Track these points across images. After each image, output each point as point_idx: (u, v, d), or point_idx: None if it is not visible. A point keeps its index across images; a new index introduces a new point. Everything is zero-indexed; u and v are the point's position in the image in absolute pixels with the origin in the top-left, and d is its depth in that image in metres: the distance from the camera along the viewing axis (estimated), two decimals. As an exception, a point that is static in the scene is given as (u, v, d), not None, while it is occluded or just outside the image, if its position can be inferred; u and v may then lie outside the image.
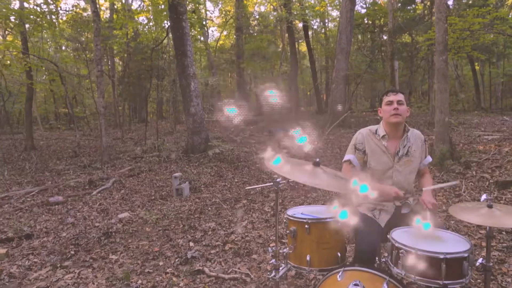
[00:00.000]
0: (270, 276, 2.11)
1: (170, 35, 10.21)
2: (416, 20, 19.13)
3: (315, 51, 28.83)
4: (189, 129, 9.51)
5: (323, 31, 30.44)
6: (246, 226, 4.61)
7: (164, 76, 15.91)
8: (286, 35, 19.48)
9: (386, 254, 2.01)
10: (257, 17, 24.90)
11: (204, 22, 20.12)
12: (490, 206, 1.91)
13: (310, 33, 25.46)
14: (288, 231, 2.19)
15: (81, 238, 4.43)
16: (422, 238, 1.96)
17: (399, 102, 2.37)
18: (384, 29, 21.32)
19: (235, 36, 19.32)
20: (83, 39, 18.79)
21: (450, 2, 20.42)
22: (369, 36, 24.13)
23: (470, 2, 19.52)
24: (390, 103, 2.39)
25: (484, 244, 3.35)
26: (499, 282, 2.87)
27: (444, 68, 7.11)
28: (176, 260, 3.68)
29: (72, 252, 4.01)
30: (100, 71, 9.82)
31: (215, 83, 20.32)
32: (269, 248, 2.15)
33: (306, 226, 2.09)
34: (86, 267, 3.65)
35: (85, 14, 16.82)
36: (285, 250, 2.16)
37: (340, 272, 1.86)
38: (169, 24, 10.33)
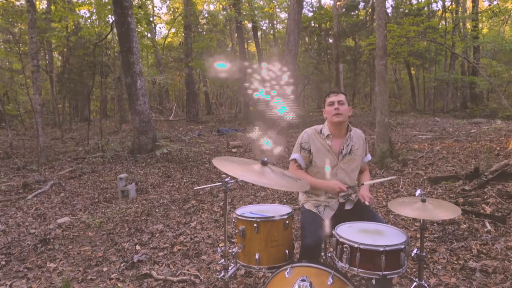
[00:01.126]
0: (219, 276, 2.11)
1: (115, 30, 9.78)
2: (359, 26, 20.15)
3: (264, 51, 29.21)
4: (136, 128, 9.18)
5: (271, 32, 30.95)
6: (195, 227, 4.55)
7: (108, 73, 15.19)
8: (236, 34, 19.50)
9: (331, 249, 2.09)
10: (206, 15, 24.68)
11: (151, 19, 19.51)
12: (423, 201, 2.07)
13: (259, 33, 25.75)
14: (237, 231, 2.19)
15: (14, 247, 4.10)
16: (364, 232, 2.07)
17: (340, 102, 2.48)
18: (329, 32, 22.16)
19: (183, 34, 18.98)
20: (16, 30, 17.35)
21: (389, 10, 21.72)
22: (315, 39, 24.95)
23: (407, 11, 20.94)
24: (332, 103, 2.49)
25: (418, 235, 3.60)
26: (431, 270, 3.11)
27: (383, 72, 7.55)
28: (122, 264, 3.53)
29: (3, 263, 3.69)
30: (36, 66, 9.15)
31: (163, 82, 19.80)
32: (218, 248, 2.14)
33: (255, 225, 2.11)
34: (20, 278, 3.38)
35: (17, 3, 15.54)
36: (234, 249, 2.16)
37: (288, 269, 1.90)
38: (113, 19, 9.89)
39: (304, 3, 22.30)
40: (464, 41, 21.61)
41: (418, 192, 2.16)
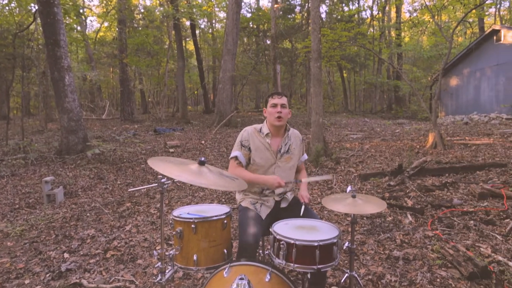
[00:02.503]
0: (156, 280, 2.04)
1: (39, 20, 8.99)
2: (296, 29, 20.80)
3: (202, 50, 28.92)
4: (64, 127, 8.54)
5: (210, 31, 30.73)
6: (130, 230, 4.36)
7: (31, 67, 13.94)
8: (173, 32, 19.02)
9: (269, 247, 2.13)
10: (142, 10, 23.74)
11: (81, 10, 18.25)
12: (354, 196, 2.20)
13: (197, 32, 25.40)
14: (174, 232, 2.14)
15: None
16: (300, 229, 2.14)
17: (282, 106, 2.55)
18: (267, 34, 22.58)
19: (117, 29, 18.04)
20: None
21: (323, 15, 22.74)
22: (254, 40, 25.28)
23: (339, 17, 22.09)
24: (275, 105, 2.55)
25: (350, 229, 3.83)
26: (361, 261, 3.32)
27: (318, 74, 7.88)
28: (47, 275, 3.26)
29: None
30: None
31: (95, 78, 18.67)
32: (155, 251, 2.07)
33: (193, 225, 2.08)
34: None
35: None
36: (171, 251, 2.11)
37: (226, 268, 1.90)
38: (36, 7, 9.08)
39: (243, 4, 22.51)
40: (389, 48, 23.42)
41: (349, 188, 2.29)
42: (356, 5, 26.53)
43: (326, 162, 7.38)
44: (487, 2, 12.67)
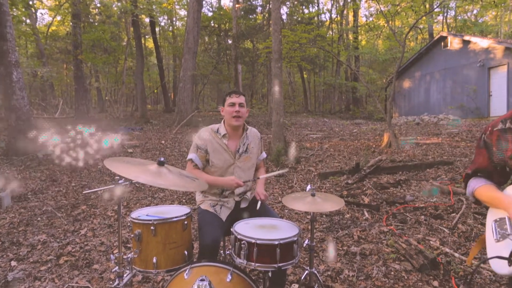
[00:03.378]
0: (113, 286, 1.97)
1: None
2: (257, 29, 20.91)
3: (162, 48, 28.30)
4: (11, 127, 8.01)
5: (170, 29, 30.15)
6: (85, 235, 4.18)
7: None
8: (132, 28, 18.43)
9: (230, 247, 2.13)
10: (98, 5, 22.80)
11: (30, 2, 17.20)
12: (313, 195, 2.25)
13: (157, 29, 24.82)
14: (132, 235, 2.08)
15: None
16: (261, 228, 2.16)
17: (240, 105, 2.53)
18: (229, 33, 22.54)
19: (71, 24, 17.20)
20: None
21: (284, 17, 23.05)
22: (215, 39, 25.13)
23: (299, 19, 22.49)
24: (233, 104, 2.53)
25: (309, 227, 3.92)
26: (320, 258, 3.40)
27: (279, 74, 7.98)
28: (-7, 284, 3.05)
29: None
30: None
31: (47, 75, 17.67)
32: (112, 255, 2.00)
33: (152, 227, 2.03)
34: None
35: None
36: (129, 255, 2.05)
37: (187, 270, 1.87)
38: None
39: (204, 2, 22.31)
40: (347, 50, 24.22)
41: (308, 187, 2.34)
42: (316, 7, 27.18)
43: (286, 161, 7.50)
44: (435, 10, 13.45)
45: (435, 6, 12.60)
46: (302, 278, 2.46)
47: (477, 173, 1.60)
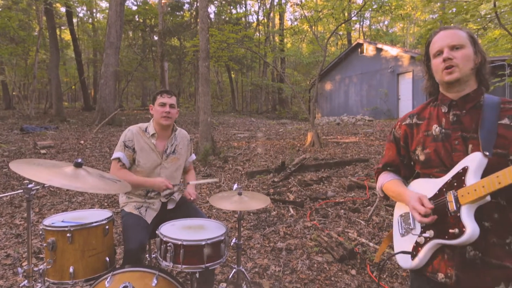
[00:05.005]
0: (22, 301, 1.78)
1: None
2: (184, 26, 20.52)
3: (81, 41, 26.32)
4: None
5: (90, 21, 28.18)
6: (-12, 247, 3.71)
7: None
8: (44, 17, 16.80)
9: (156, 250, 2.06)
10: (2, -11, 20.37)
11: None
12: (240, 194, 2.28)
13: (75, 20, 23.03)
14: (45, 244, 1.91)
15: None
16: (187, 229, 2.13)
17: (171, 106, 2.47)
18: (154, 29, 21.76)
19: (-32, 8, 15.13)
20: None
21: (212, 16, 22.96)
22: (140, 34, 24.09)
23: (227, 19, 22.59)
24: (163, 105, 2.46)
25: (237, 225, 3.96)
26: (248, 255, 3.46)
27: (206, 74, 7.93)
28: None
29: None
30: None
31: None
32: (19, 268, 1.81)
33: (68, 234, 1.88)
34: None
35: None
36: (41, 266, 1.87)
37: (109, 277, 1.77)
38: None
39: (127, -5, 21.23)
40: (273, 52, 24.93)
41: (235, 186, 2.37)
42: (244, 8, 27.54)
43: (214, 161, 7.48)
44: (353, 18, 14.50)
45: (352, 15, 13.56)
46: (230, 276, 2.48)
47: (386, 167, 1.64)
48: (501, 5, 7.32)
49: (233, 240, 2.36)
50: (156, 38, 21.57)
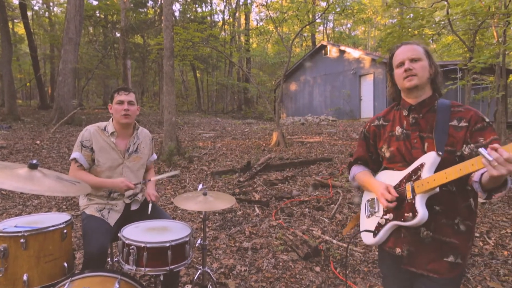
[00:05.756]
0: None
1: None
2: (148, 24, 20.03)
3: (37, 36, 25.02)
4: None
5: (47, 14, 26.83)
6: None
7: None
8: (-5, 10, 15.77)
9: (118, 253, 2.00)
10: None
11: None
12: (205, 194, 2.26)
13: (29, 14, 21.83)
14: (-5, 251, 1.79)
15: None
16: (151, 230, 2.08)
17: (130, 103, 2.40)
18: (117, 26, 21.06)
19: None
20: None
21: (177, 14, 22.59)
22: (101, 31, 23.23)
23: (192, 17, 22.32)
24: (121, 102, 2.38)
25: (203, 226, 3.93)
26: (213, 256, 3.44)
27: (171, 72, 7.79)
28: None
29: None
30: None
31: None
32: (-34, 278, 1.70)
33: (22, 240, 1.78)
34: None
35: None
36: (-9, 275, 1.76)
37: (67, 284, 1.70)
38: None
39: (87, -11, 20.42)
40: (239, 52, 24.93)
41: (200, 187, 2.35)
42: (209, 7, 27.32)
43: (179, 161, 7.37)
44: (317, 20, 14.79)
45: (316, 17, 13.84)
46: (195, 278, 2.46)
47: (357, 161, 1.88)
48: (453, 12, 7.76)
49: (198, 241, 2.34)
50: (118, 35, 20.90)
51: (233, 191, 5.51)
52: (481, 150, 1.17)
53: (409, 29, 7.88)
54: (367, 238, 1.68)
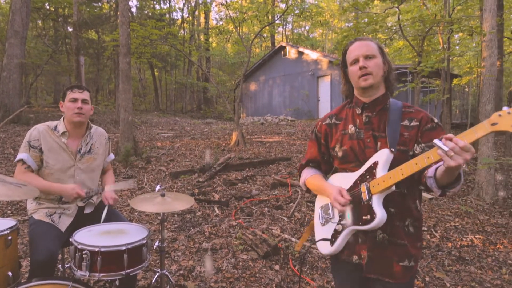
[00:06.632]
0: None
1: None
2: (103, 19, 19.26)
3: (-23, 28, 23.16)
4: None
5: (-12, 5, 24.95)
6: None
7: None
8: None
9: (70, 259, 1.91)
10: None
11: None
12: (163, 195, 2.21)
13: (-32, 4, 20.20)
14: None
15: None
16: (106, 234, 2.00)
17: (84, 101, 2.29)
18: (69, 20, 20.02)
19: None
20: None
21: (134, 10, 21.91)
22: (51, 24, 21.97)
23: (150, 14, 21.76)
24: (74, 100, 2.27)
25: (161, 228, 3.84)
26: (172, 258, 3.38)
27: (127, 70, 7.55)
28: None
29: None
30: None
31: None
32: None
33: (-40, 248, 1.65)
34: None
35: None
36: None
37: (12, 293, 1.60)
38: None
39: (35, -20, 19.24)
40: (198, 51, 24.67)
41: (157, 188, 2.30)
42: (168, 5, 26.75)
43: (136, 161, 7.15)
44: (276, 22, 14.99)
45: (276, 18, 14.01)
46: (153, 281, 2.40)
47: (309, 164, 1.78)
48: (404, 19, 8.19)
49: (156, 243, 2.29)
50: (70, 29, 19.87)
51: (192, 192, 5.44)
52: (436, 141, 1.16)
53: (364, 33, 8.20)
54: (324, 248, 1.58)
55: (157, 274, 2.33)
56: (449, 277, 3.18)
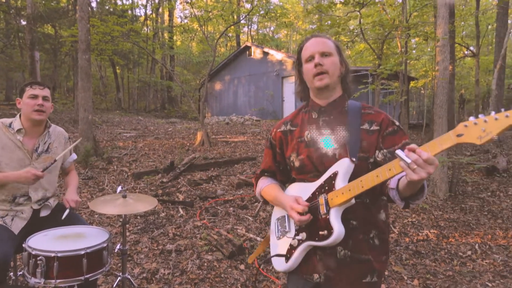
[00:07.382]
0: None
1: None
2: (60, 13, 18.38)
3: None
4: None
5: None
6: None
7: None
8: None
9: (23, 266, 1.80)
10: None
11: None
12: (124, 197, 2.15)
13: None
14: None
15: None
16: (63, 238, 1.92)
17: (44, 98, 2.19)
18: (22, 13, 18.93)
19: None
20: None
21: (94, 4, 21.09)
22: (2, 17, 20.68)
23: (111, 10, 21.04)
24: (34, 97, 2.16)
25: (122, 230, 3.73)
26: (135, 261, 3.29)
27: (87, 67, 7.27)
28: None
29: None
30: None
31: None
32: None
33: None
34: None
35: None
36: None
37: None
38: None
39: (-16, -31, 18.07)
40: (162, 49, 24.17)
41: (119, 189, 2.23)
42: (130, 1, 26.01)
43: (97, 162, 6.90)
44: (241, 21, 15.00)
45: (241, 18, 14.03)
46: (115, 285, 2.33)
47: (264, 173, 1.67)
48: (365, 22, 8.47)
49: (118, 246, 2.22)
50: (24, 23, 18.80)
51: (156, 192, 5.33)
52: (398, 152, 1.06)
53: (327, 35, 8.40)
54: (279, 264, 1.44)
55: (119, 278, 2.26)
56: (406, 270, 3.33)
